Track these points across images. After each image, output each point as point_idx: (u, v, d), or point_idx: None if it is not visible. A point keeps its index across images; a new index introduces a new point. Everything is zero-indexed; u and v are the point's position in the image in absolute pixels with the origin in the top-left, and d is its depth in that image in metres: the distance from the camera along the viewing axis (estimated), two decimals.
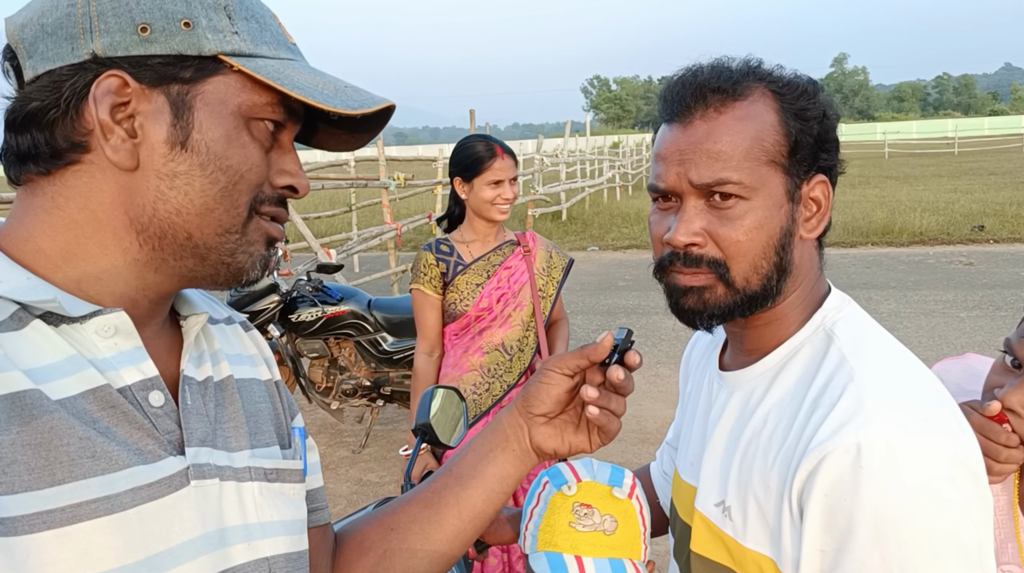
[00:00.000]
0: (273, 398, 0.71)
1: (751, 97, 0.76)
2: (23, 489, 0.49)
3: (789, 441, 0.73)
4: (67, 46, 0.55)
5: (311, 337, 4.04)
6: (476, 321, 2.19)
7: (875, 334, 0.78)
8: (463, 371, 2.19)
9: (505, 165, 2.17)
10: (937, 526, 0.65)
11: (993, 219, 11.76)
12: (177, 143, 0.56)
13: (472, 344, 2.20)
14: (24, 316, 0.53)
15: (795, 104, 0.76)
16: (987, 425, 0.91)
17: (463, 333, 2.21)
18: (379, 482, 3.74)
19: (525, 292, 2.23)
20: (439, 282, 2.21)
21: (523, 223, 12.10)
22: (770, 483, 0.74)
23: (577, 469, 0.86)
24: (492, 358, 2.19)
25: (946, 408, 0.71)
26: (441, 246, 2.23)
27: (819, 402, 0.72)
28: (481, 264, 2.21)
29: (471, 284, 2.18)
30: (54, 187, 0.57)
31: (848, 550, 0.67)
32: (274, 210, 0.62)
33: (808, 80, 0.79)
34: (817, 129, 0.77)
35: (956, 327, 6.05)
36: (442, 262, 2.21)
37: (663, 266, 0.79)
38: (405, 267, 7.69)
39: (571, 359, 0.73)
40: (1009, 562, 0.94)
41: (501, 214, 2.18)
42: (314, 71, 0.61)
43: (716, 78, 0.76)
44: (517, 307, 2.22)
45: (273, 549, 0.62)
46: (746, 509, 0.77)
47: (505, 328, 2.20)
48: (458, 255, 2.22)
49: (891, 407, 0.68)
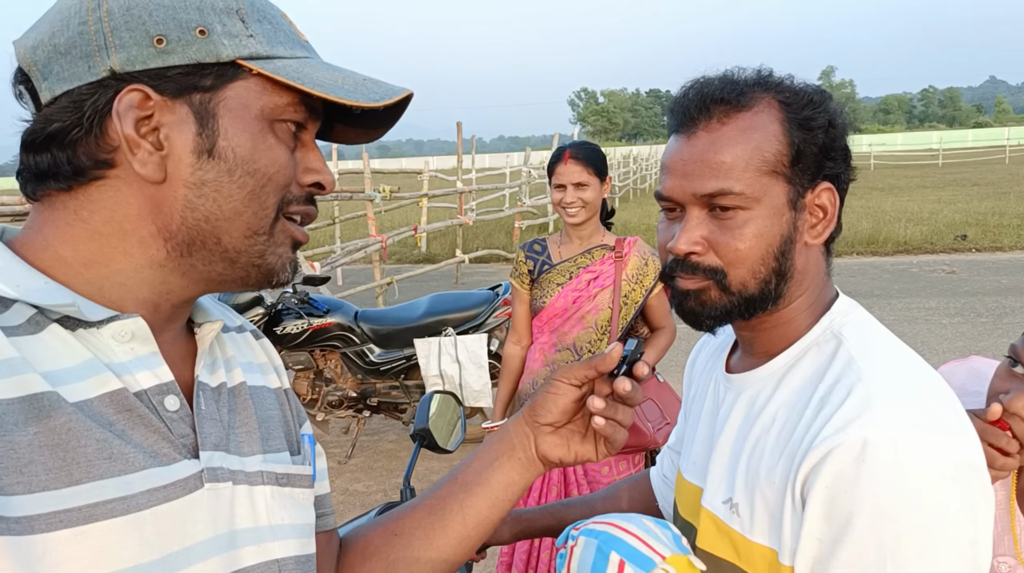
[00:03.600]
0: (283, 406, 0.72)
1: (755, 108, 0.77)
2: (40, 489, 0.50)
3: (796, 436, 0.74)
4: (83, 65, 0.55)
5: (297, 349, 4.06)
6: (552, 318, 2.30)
7: (883, 337, 0.80)
8: (539, 365, 2.32)
9: (569, 170, 2.23)
10: (934, 523, 0.67)
11: (975, 229, 12.02)
12: (204, 151, 0.57)
13: (548, 341, 2.31)
14: (42, 320, 0.54)
15: (800, 113, 0.78)
16: (988, 429, 0.93)
17: (543, 329, 2.33)
18: (365, 492, 3.78)
19: (605, 296, 2.27)
20: (527, 278, 2.37)
21: (510, 236, 12.20)
22: (775, 477, 0.75)
23: (645, 538, 0.82)
24: (563, 357, 2.28)
25: (951, 408, 0.72)
26: (534, 246, 2.40)
27: (827, 400, 0.74)
28: (566, 265, 2.31)
29: (553, 283, 2.30)
30: (76, 202, 0.57)
31: (845, 540, 0.69)
32: (303, 209, 0.63)
33: (816, 89, 0.80)
34: (823, 138, 0.78)
35: (939, 334, 6.20)
36: (531, 260, 2.37)
37: (666, 273, 0.83)
38: (390, 279, 7.73)
39: (579, 369, 0.74)
40: (1005, 554, 0.99)
41: (569, 217, 2.26)
42: (330, 66, 0.61)
43: (721, 89, 0.78)
44: (593, 310, 2.26)
45: (284, 551, 0.64)
46: (753, 505, 0.78)
47: (578, 328, 2.27)
48: (548, 255, 2.35)
49: (898, 406, 0.70)
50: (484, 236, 12.84)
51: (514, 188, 12.65)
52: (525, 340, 2.39)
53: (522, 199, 12.43)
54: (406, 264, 11.14)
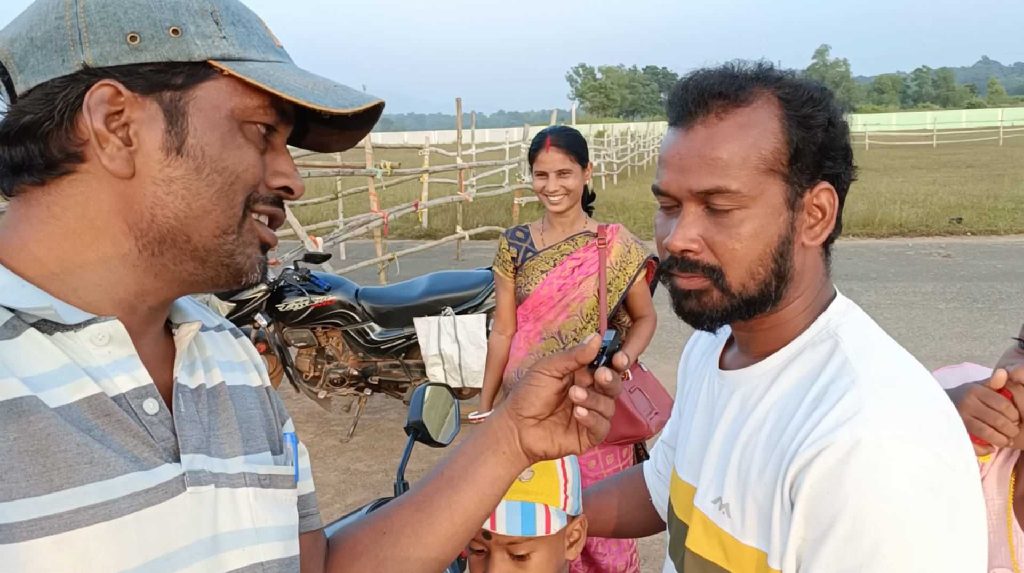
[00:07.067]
0: (264, 404, 0.71)
1: (754, 103, 0.75)
2: (21, 495, 0.49)
3: (786, 436, 0.73)
4: (58, 58, 0.55)
5: (298, 326, 4.00)
6: (537, 306, 2.25)
7: (879, 339, 0.79)
8: (524, 354, 2.28)
9: (551, 158, 2.16)
10: (912, 535, 0.65)
11: (970, 211, 11.93)
12: (172, 149, 0.57)
13: (533, 329, 2.27)
14: (18, 324, 0.53)
15: (800, 111, 0.75)
16: (990, 394, 0.92)
17: (528, 317, 2.29)
18: (367, 471, 3.73)
19: (590, 284, 2.22)
20: (510, 266, 2.32)
21: (509, 212, 12.08)
22: (766, 478, 0.75)
23: None
24: (548, 345, 2.24)
25: (944, 415, 0.71)
26: (517, 232, 2.33)
27: (820, 401, 0.72)
28: (550, 252, 2.25)
29: (536, 270, 2.25)
30: (49, 197, 0.57)
31: (825, 541, 0.68)
32: (270, 209, 0.63)
33: (817, 86, 0.78)
34: (822, 137, 0.76)
35: (935, 319, 6.14)
36: (514, 247, 2.31)
37: (664, 269, 0.80)
38: (392, 255, 7.63)
39: (559, 361, 0.73)
40: (1002, 565, 0.95)
41: (552, 206, 2.20)
42: (303, 72, 0.62)
43: (720, 83, 0.76)
44: (578, 298, 2.22)
45: (268, 554, 0.63)
46: (744, 505, 0.77)
47: (563, 316, 2.22)
48: (531, 242, 2.29)
49: (889, 410, 0.69)
50: (484, 212, 12.73)
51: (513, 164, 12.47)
52: (510, 329, 2.34)
53: (521, 175, 12.28)
54: (407, 239, 11.06)
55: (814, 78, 0.81)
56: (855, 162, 0.81)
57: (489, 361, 2.36)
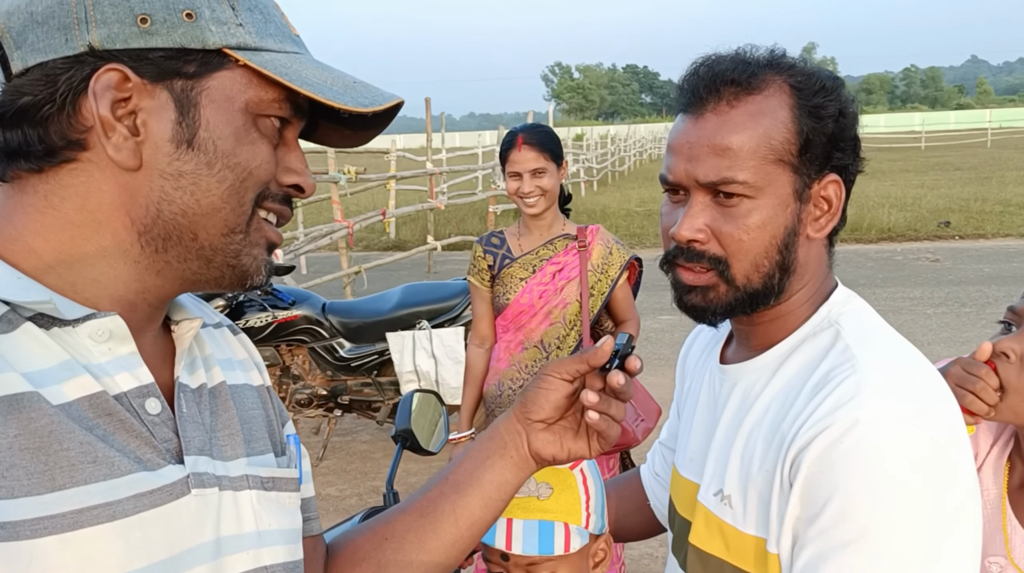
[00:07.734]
0: (266, 404, 0.73)
1: (766, 91, 0.78)
2: (23, 494, 0.50)
3: (787, 422, 0.77)
4: (60, 37, 0.53)
5: (261, 344, 3.96)
6: (517, 316, 2.25)
7: (880, 328, 0.83)
8: (505, 365, 2.28)
9: (524, 157, 2.17)
10: (903, 516, 0.69)
11: (959, 215, 12.36)
12: (183, 142, 0.56)
13: (514, 339, 2.27)
14: (15, 318, 0.53)
15: (811, 100, 0.77)
16: (973, 362, 0.99)
17: (508, 327, 2.28)
18: (339, 496, 3.75)
19: (572, 289, 2.23)
20: (487, 274, 2.30)
21: (484, 221, 12.15)
22: (767, 465, 0.78)
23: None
24: (531, 354, 2.25)
25: (942, 400, 0.76)
26: (492, 238, 2.32)
27: (821, 387, 0.76)
28: (529, 258, 2.25)
29: (515, 278, 2.24)
30: (47, 185, 0.56)
31: (817, 518, 0.72)
32: (278, 207, 0.63)
33: (829, 75, 0.80)
34: (832, 127, 0.78)
35: (923, 324, 6.38)
36: (490, 254, 2.29)
37: (668, 259, 0.83)
38: (358, 268, 7.61)
39: (571, 364, 0.74)
40: (996, 554, 1.02)
41: (528, 208, 2.21)
42: (320, 65, 0.61)
43: (732, 69, 0.78)
44: (560, 304, 2.23)
45: (272, 558, 0.64)
46: (746, 496, 0.80)
47: (545, 324, 2.24)
48: (507, 248, 2.28)
49: (888, 394, 0.73)
50: (456, 221, 12.77)
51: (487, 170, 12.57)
52: (488, 341, 2.33)
53: (496, 182, 12.38)
54: (374, 251, 11.04)
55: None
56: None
57: (467, 376, 2.36)
